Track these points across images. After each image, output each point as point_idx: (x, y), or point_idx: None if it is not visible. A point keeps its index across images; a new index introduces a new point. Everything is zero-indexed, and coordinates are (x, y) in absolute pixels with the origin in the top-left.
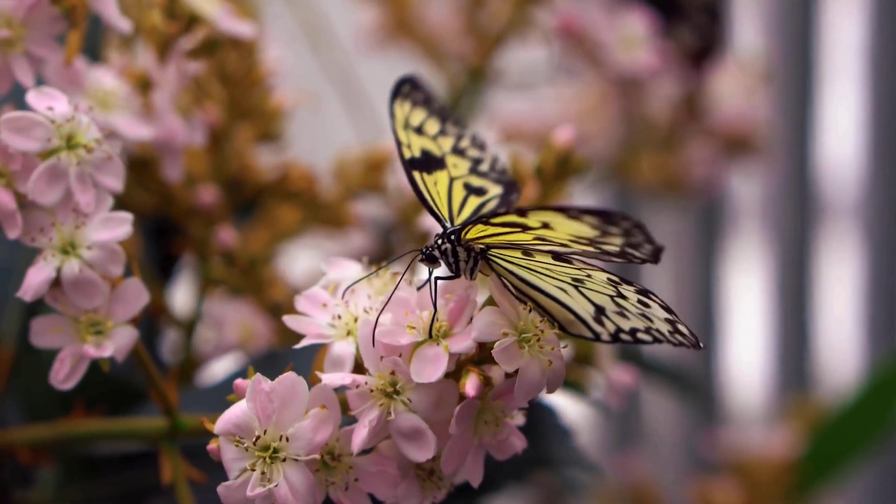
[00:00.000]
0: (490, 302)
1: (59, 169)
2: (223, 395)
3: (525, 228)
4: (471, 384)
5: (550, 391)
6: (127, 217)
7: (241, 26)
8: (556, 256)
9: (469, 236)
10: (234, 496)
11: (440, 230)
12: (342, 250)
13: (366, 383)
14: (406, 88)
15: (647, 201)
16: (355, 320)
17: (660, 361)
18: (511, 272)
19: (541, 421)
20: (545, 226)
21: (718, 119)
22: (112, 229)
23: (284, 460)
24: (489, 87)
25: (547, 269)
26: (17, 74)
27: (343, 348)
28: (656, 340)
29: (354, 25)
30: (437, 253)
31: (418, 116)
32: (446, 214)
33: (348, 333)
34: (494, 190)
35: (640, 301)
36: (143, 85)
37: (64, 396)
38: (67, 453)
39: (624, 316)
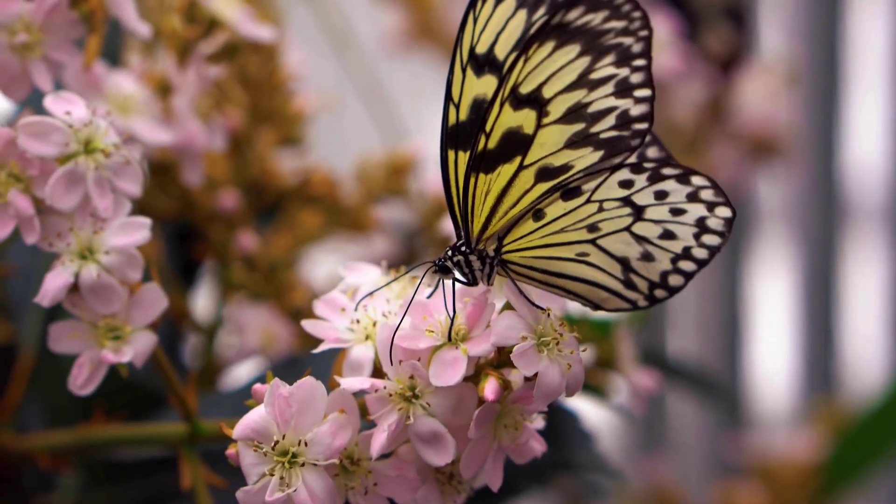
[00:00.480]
0: (509, 306)
1: (77, 174)
2: (243, 400)
3: (525, 145)
4: (490, 388)
5: (570, 395)
6: (145, 222)
7: (261, 30)
8: (565, 194)
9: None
10: (253, 501)
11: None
12: (364, 254)
13: (385, 387)
14: (573, 14)
15: None
16: (374, 325)
17: (684, 364)
18: (531, 268)
19: (562, 425)
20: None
21: (744, 122)
22: (130, 234)
23: (303, 465)
24: None
25: (562, 230)
26: (36, 79)
27: (362, 352)
28: (686, 276)
29: (378, 29)
30: (449, 264)
31: (556, 63)
32: (479, 226)
33: (367, 338)
34: (587, 160)
35: (658, 197)
36: (163, 89)
37: (84, 402)
38: (88, 459)
39: (649, 258)
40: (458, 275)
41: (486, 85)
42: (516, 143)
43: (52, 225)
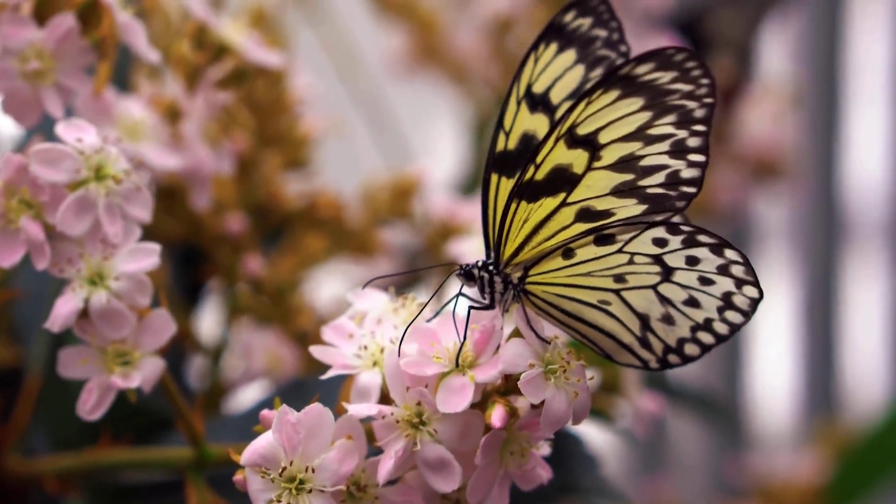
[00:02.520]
0: (517, 333)
1: (88, 200)
2: (250, 423)
3: (571, 183)
4: (497, 415)
5: (576, 422)
6: (154, 248)
7: (269, 56)
8: (599, 239)
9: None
10: None
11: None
12: (369, 277)
13: (392, 414)
14: (643, 68)
15: None
16: (381, 351)
17: (686, 386)
18: (551, 304)
19: (566, 449)
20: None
21: (746, 143)
22: (140, 260)
23: (310, 491)
24: None
25: (589, 273)
26: (47, 106)
27: (369, 379)
28: (703, 348)
29: (383, 52)
30: (475, 272)
31: (616, 112)
32: (510, 251)
33: (374, 364)
34: (629, 211)
35: (689, 262)
36: (172, 114)
37: (90, 426)
38: (94, 482)
39: (669, 321)
40: (474, 293)
41: (537, 122)
42: (563, 180)
43: (62, 251)
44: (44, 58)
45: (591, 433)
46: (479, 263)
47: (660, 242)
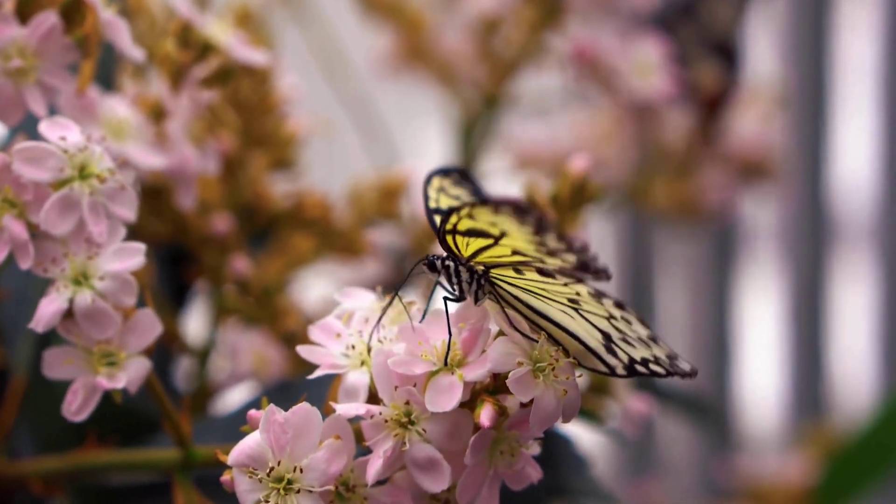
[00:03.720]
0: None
1: (72, 199)
2: (237, 424)
3: (492, 238)
4: (486, 414)
5: (566, 421)
6: (140, 247)
7: (254, 54)
8: (540, 272)
9: (467, 251)
10: None
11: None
12: (356, 278)
13: (380, 413)
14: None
15: (661, 227)
16: (369, 350)
17: (673, 388)
18: (517, 297)
19: (556, 451)
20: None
21: (733, 144)
22: (125, 260)
23: (299, 492)
24: (503, 114)
25: (544, 289)
26: (30, 104)
27: (357, 378)
28: (668, 372)
29: (369, 52)
30: (438, 264)
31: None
32: (465, 255)
33: (362, 363)
34: (557, 262)
35: (623, 318)
36: (157, 113)
37: (76, 427)
38: (80, 484)
39: (629, 343)
40: (445, 282)
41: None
42: (485, 234)
43: (46, 250)
44: (26, 56)
45: (581, 434)
46: (444, 255)
47: (596, 295)
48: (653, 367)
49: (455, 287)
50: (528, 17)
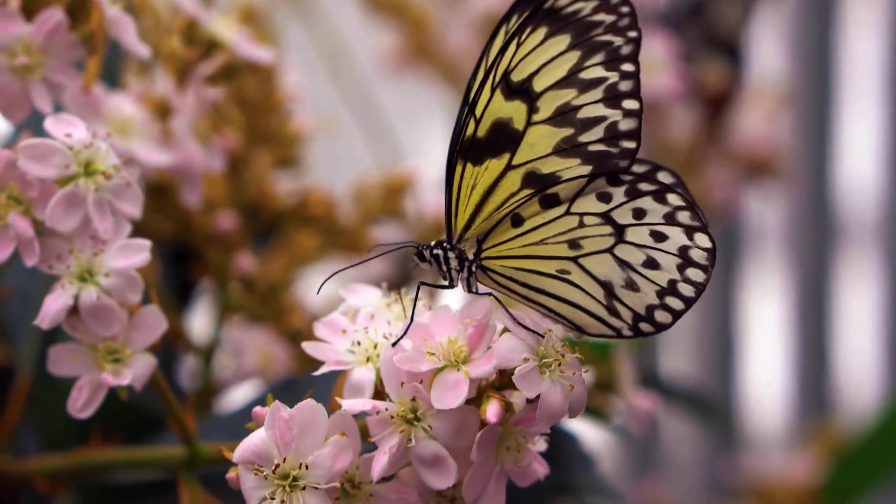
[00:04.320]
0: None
1: (77, 196)
2: (242, 422)
3: (514, 141)
4: (492, 410)
5: (573, 416)
6: (145, 244)
7: (259, 51)
8: (544, 201)
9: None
10: None
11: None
12: (361, 276)
13: (386, 409)
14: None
15: None
16: (374, 346)
17: (679, 386)
18: (511, 279)
19: (562, 448)
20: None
21: (738, 143)
22: (130, 256)
23: (304, 489)
24: None
25: (542, 241)
26: (36, 101)
27: (363, 374)
28: (674, 314)
29: (373, 50)
30: (427, 254)
31: (547, 53)
32: (462, 223)
33: (368, 360)
34: (576, 171)
35: (636, 216)
36: (162, 111)
37: (81, 424)
38: (85, 482)
39: (633, 287)
40: (435, 271)
41: (512, 110)
42: (506, 138)
43: (51, 247)
44: (32, 53)
45: (586, 432)
46: (433, 243)
47: (604, 197)
48: (659, 316)
49: (445, 275)
50: None
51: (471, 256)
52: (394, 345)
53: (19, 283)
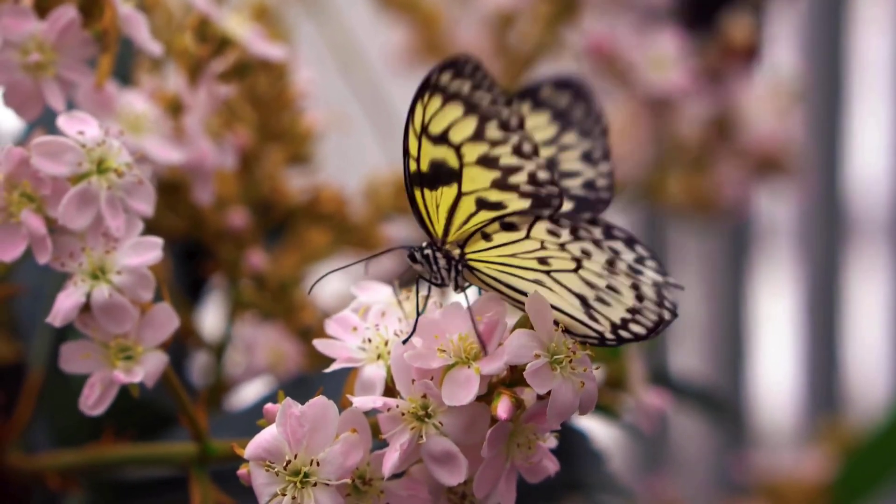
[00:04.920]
0: (521, 324)
1: (90, 193)
2: (253, 419)
3: (455, 175)
4: (502, 407)
5: (583, 413)
6: (157, 242)
7: (272, 49)
8: (504, 227)
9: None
10: None
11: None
12: (372, 273)
13: (397, 406)
14: (445, 78)
15: (676, 222)
16: (385, 344)
17: (689, 383)
18: (496, 279)
19: (573, 445)
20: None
21: (749, 139)
22: (142, 254)
23: (315, 485)
24: None
25: (514, 255)
26: (49, 98)
27: (374, 372)
28: (648, 329)
29: (384, 47)
30: (418, 255)
31: (448, 117)
32: (440, 231)
33: (378, 357)
34: (517, 204)
35: (585, 253)
36: (174, 108)
37: (93, 421)
38: (96, 479)
39: (604, 303)
40: (425, 271)
41: (443, 153)
42: (447, 174)
43: (64, 245)
44: (45, 50)
45: (596, 429)
46: (424, 244)
47: (554, 233)
48: (634, 327)
49: (436, 275)
50: (544, 11)
51: (456, 256)
52: (405, 342)
53: (32, 280)
